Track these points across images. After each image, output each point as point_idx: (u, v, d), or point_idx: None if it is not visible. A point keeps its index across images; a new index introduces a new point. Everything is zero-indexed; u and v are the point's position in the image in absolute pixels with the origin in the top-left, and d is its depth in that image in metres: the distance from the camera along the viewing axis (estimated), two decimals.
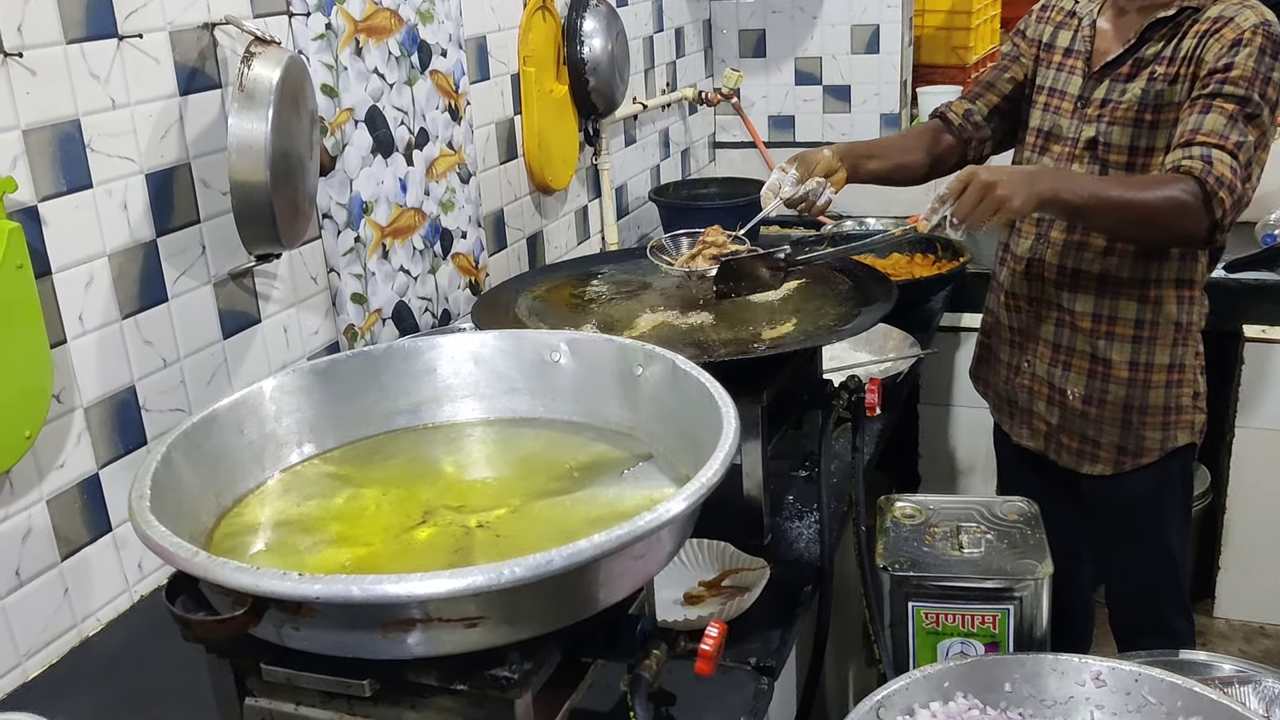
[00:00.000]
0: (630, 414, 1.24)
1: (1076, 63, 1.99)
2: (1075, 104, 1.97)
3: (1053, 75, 2.03)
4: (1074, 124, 1.97)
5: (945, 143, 2.15)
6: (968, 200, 1.68)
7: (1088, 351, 1.99)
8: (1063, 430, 2.06)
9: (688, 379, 1.16)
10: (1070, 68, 2.00)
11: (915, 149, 2.14)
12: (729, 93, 3.36)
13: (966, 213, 1.69)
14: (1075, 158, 1.96)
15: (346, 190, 1.86)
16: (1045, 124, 2.02)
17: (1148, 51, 1.88)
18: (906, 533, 1.91)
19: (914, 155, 2.13)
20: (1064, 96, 2.00)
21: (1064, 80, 2.01)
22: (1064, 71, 2.01)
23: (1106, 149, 1.92)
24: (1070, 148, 1.97)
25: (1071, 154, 1.96)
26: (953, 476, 3.00)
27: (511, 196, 2.39)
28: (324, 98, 1.79)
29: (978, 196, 1.67)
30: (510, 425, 1.29)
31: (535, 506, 1.11)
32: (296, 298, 1.77)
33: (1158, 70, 1.86)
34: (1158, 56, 1.86)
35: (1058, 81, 2.02)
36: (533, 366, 1.30)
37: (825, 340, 1.48)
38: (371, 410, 1.28)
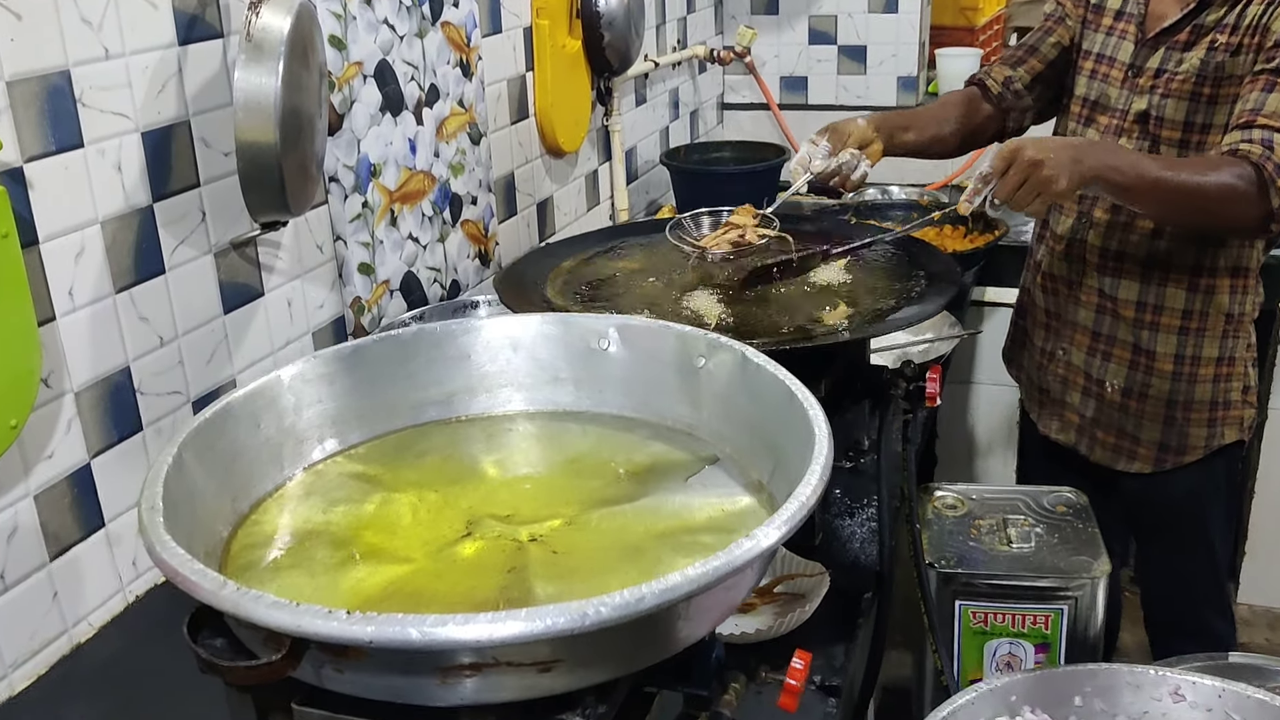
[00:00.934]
0: (691, 410, 1.12)
1: (1128, 27, 1.84)
2: (1126, 73, 1.82)
3: (1101, 40, 1.88)
4: (1124, 94, 1.83)
5: (983, 113, 2.01)
6: (1011, 180, 1.56)
7: (1129, 341, 1.87)
8: (1098, 424, 1.95)
9: (760, 373, 1.04)
10: (1121, 32, 1.85)
11: (950, 119, 2.00)
12: (742, 51, 3.21)
13: (1009, 194, 1.57)
14: (1124, 131, 1.82)
15: (354, 151, 1.71)
16: (1092, 93, 1.88)
17: (1208, 18, 1.73)
18: (950, 525, 1.80)
19: (949, 126, 1.99)
20: (1113, 64, 1.85)
21: (1114, 46, 1.86)
22: (1114, 36, 1.86)
23: (1159, 124, 1.78)
24: (1119, 120, 1.83)
25: (1120, 127, 1.83)
26: (970, 458, 2.90)
27: (523, 159, 2.24)
28: (331, 50, 1.64)
29: (1021, 176, 1.55)
30: (554, 419, 1.17)
31: (593, 517, 0.99)
32: (301, 268, 1.63)
33: (1219, 39, 1.71)
34: (1219, 24, 1.71)
35: (1106, 47, 1.87)
36: (579, 354, 1.17)
37: (897, 326, 1.36)
38: (400, 401, 1.15)
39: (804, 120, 3.41)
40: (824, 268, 1.63)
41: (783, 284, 1.59)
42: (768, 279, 1.59)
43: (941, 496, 1.87)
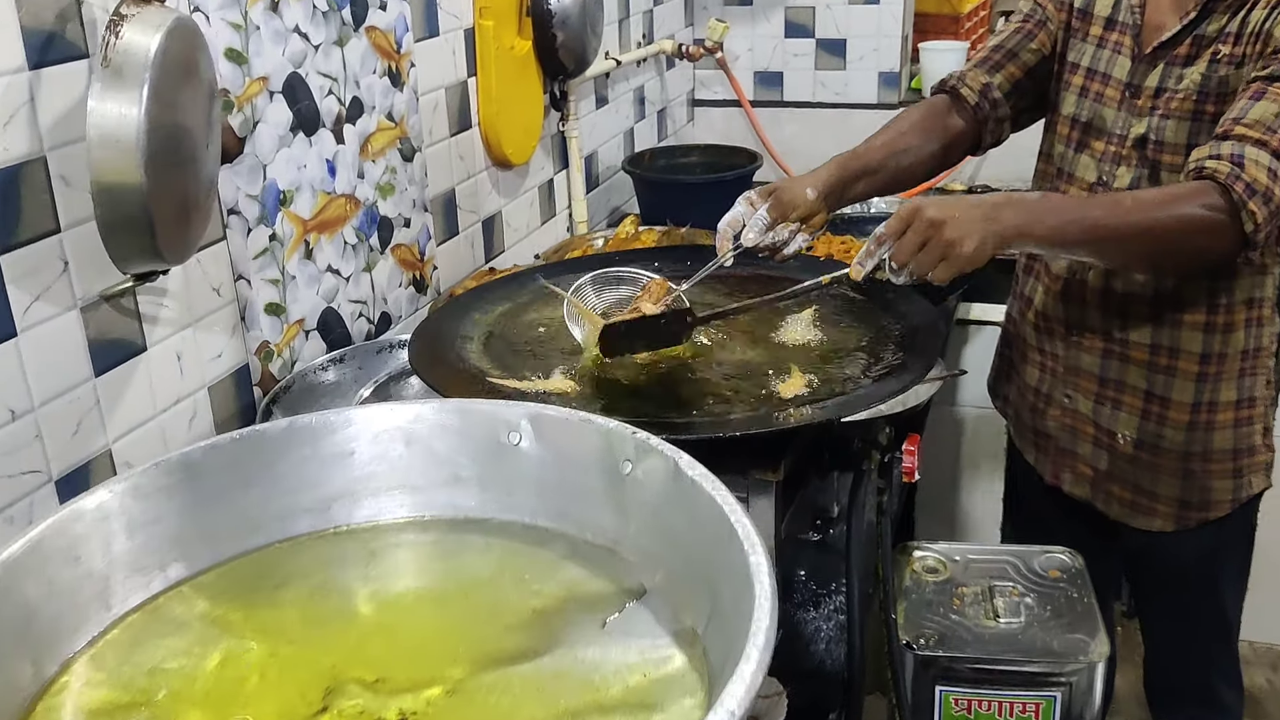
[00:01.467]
0: (616, 523, 0.93)
1: (1123, 39, 1.61)
2: (1123, 92, 1.61)
3: (1091, 52, 1.66)
4: (1121, 117, 1.61)
5: (954, 127, 1.75)
6: (909, 242, 1.35)
7: (1141, 388, 1.67)
8: (1112, 478, 1.75)
9: (696, 491, 0.85)
10: (1115, 45, 1.63)
11: (917, 144, 1.73)
12: (713, 46, 3.00)
13: (907, 257, 1.36)
14: (1121, 159, 1.61)
15: (259, 178, 1.51)
16: (1083, 113, 1.65)
17: (1210, 27, 1.52)
18: (930, 593, 1.62)
19: (914, 154, 1.72)
20: (1108, 81, 1.63)
21: (1107, 60, 1.63)
22: (1106, 49, 1.64)
23: (1159, 148, 1.56)
24: (1116, 145, 1.61)
25: (1118, 154, 1.61)
26: (955, 479, 2.71)
27: (464, 174, 2.04)
28: (229, 64, 1.44)
29: (920, 238, 1.35)
30: (453, 530, 0.98)
31: (483, 683, 0.80)
32: (193, 316, 1.43)
33: (1221, 50, 1.50)
34: (1221, 33, 1.50)
35: (1098, 61, 1.64)
36: (484, 450, 0.98)
37: (867, 403, 1.16)
38: (264, 511, 0.96)
39: (778, 118, 3.21)
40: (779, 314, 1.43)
41: (728, 336, 1.39)
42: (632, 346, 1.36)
43: (921, 558, 1.68)
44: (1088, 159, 1.65)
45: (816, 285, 1.46)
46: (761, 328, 1.43)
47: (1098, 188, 1.63)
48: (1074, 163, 1.67)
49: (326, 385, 1.62)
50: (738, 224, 1.53)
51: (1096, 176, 1.63)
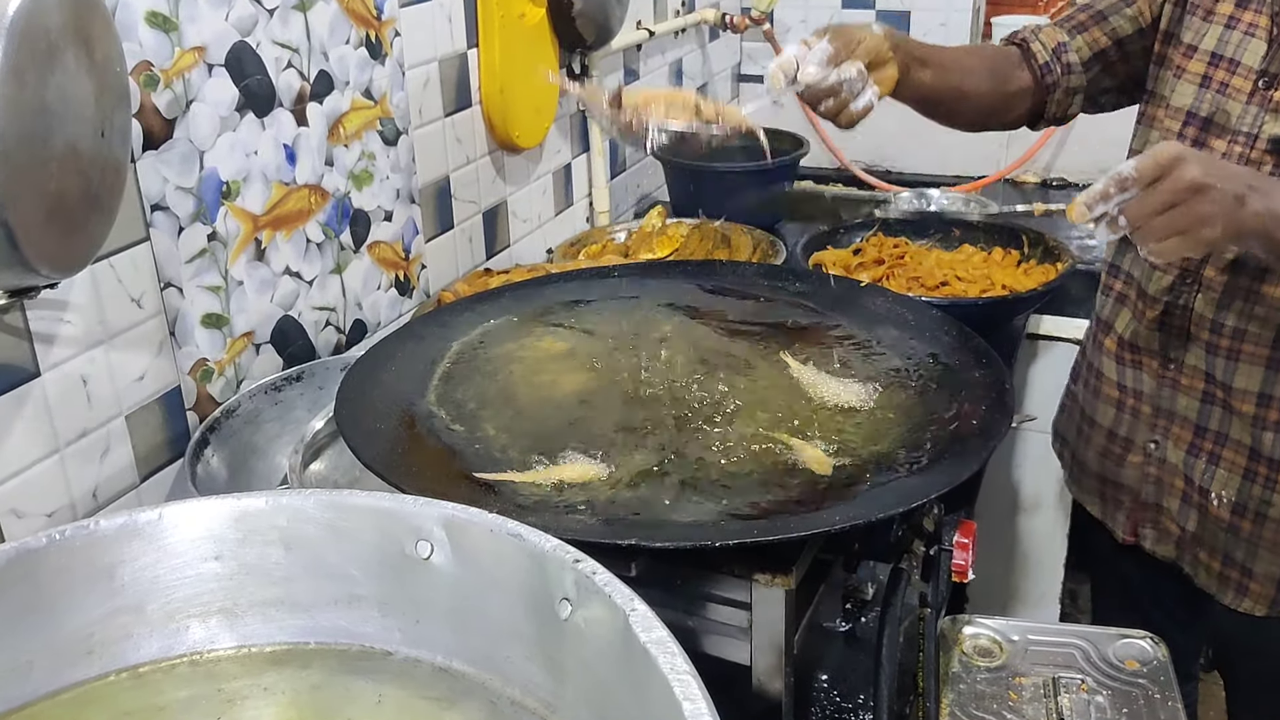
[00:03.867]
0: (549, 680, 0.68)
1: (1259, 19, 1.32)
2: (1255, 82, 1.31)
3: (1215, 32, 1.36)
4: (1251, 111, 1.31)
5: (1019, 80, 1.48)
6: (1156, 199, 1.08)
7: (1246, 444, 1.38)
8: (1200, 543, 1.47)
9: (648, 664, 0.60)
10: (1248, 26, 1.33)
11: (979, 72, 1.47)
12: (760, 17, 2.71)
13: (1147, 216, 1.09)
14: (1250, 161, 1.31)
15: (193, 168, 1.27)
16: (1203, 106, 1.36)
17: None
18: (981, 683, 1.35)
19: (976, 81, 1.46)
20: (1235, 68, 1.34)
21: (1235, 43, 1.34)
22: (1235, 30, 1.34)
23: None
24: (1244, 146, 1.32)
25: (1245, 155, 1.32)
26: (1014, 513, 2.43)
27: (462, 159, 1.79)
28: (152, 32, 1.20)
29: (1171, 198, 1.07)
30: (339, 668, 0.73)
31: None
32: (106, 332, 1.20)
33: None
34: None
35: (1225, 45, 1.35)
36: (387, 562, 0.74)
37: (898, 503, 0.88)
38: (93, 634, 0.72)
39: None
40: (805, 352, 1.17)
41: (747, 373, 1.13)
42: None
43: (973, 635, 1.41)
44: None
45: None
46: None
47: None
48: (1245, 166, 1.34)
49: (276, 409, 1.39)
50: (791, 64, 1.24)
51: None
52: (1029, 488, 2.40)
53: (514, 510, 0.88)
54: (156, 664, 0.73)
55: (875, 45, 1.28)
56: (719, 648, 0.96)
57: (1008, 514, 2.43)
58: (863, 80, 1.25)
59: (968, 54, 1.53)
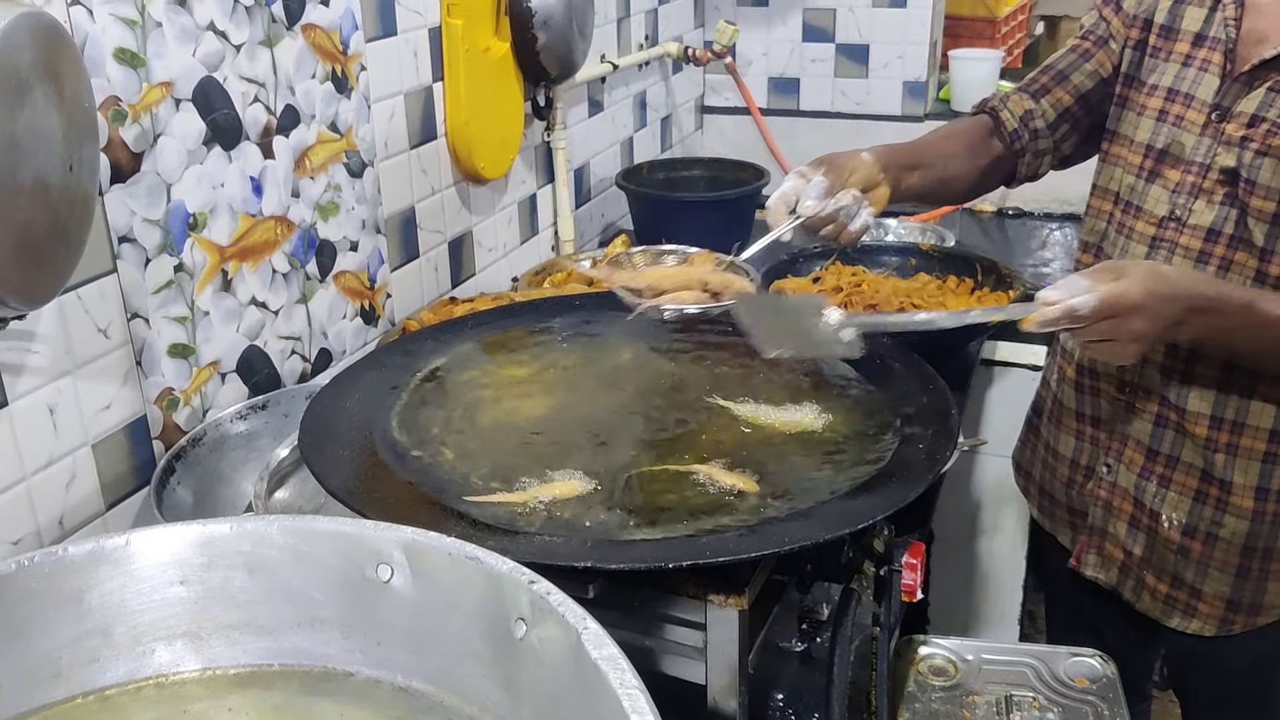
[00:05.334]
0: (506, 699, 0.71)
1: (1212, 55, 1.38)
2: (1208, 114, 1.36)
3: (1173, 70, 1.41)
4: (1204, 143, 1.36)
5: (993, 151, 1.57)
6: (1098, 331, 1.20)
7: (1198, 466, 1.42)
8: (1147, 565, 1.50)
9: (600, 680, 0.62)
10: (1203, 62, 1.39)
11: (960, 156, 1.56)
12: (722, 50, 2.76)
13: (1089, 339, 1.23)
14: (1202, 191, 1.36)
15: (160, 200, 1.29)
16: (1160, 138, 1.41)
17: None
18: (936, 702, 1.38)
19: (958, 165, 1.55)
20: (1189, 102, 1.39)
21: (1191, 79, 1.39)
22: (1191, 66, 1.40)
23: (1249, 189, 1.32)
24: (1196, 176, 1.37)
25: (1197, 185, 1.37)
26: (973, 536, 2.47)
27: (427, 190, 1.82)
28: (120, 68, 1.22)
29: (1111, 331, 1.19)
30: (302, 688, 0.76)
31: None
32: (73, 362, 1.21)
33: None
34: None
35: (1181, 80, 1.40)
36: (348, 586, 0.76)
37: (822, 531, 0.91)
38: (61, 658, 0.74)
39: (794, 128, 2.97)
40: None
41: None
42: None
43: (928, 655, 1.44)
44: (1159, 190, 1.41)
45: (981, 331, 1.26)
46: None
47: (1168, 222, 1.39)
48: (1143, 195, 1.43)
49: (241, 437, 1.41)
50: (791, 197, 1.31)
51: (1168, 210, 1.40)
52: (988, 510, 2.44)
53: (472, 534, 0.90)
54: (123, 687, 0.75)
55: (867, 173, 1.36)
56: (676, 668, 0.99)
57: (967, 536, 2.48)
58: (858, 204, 1.33)
59: (946, 139, 1.59)
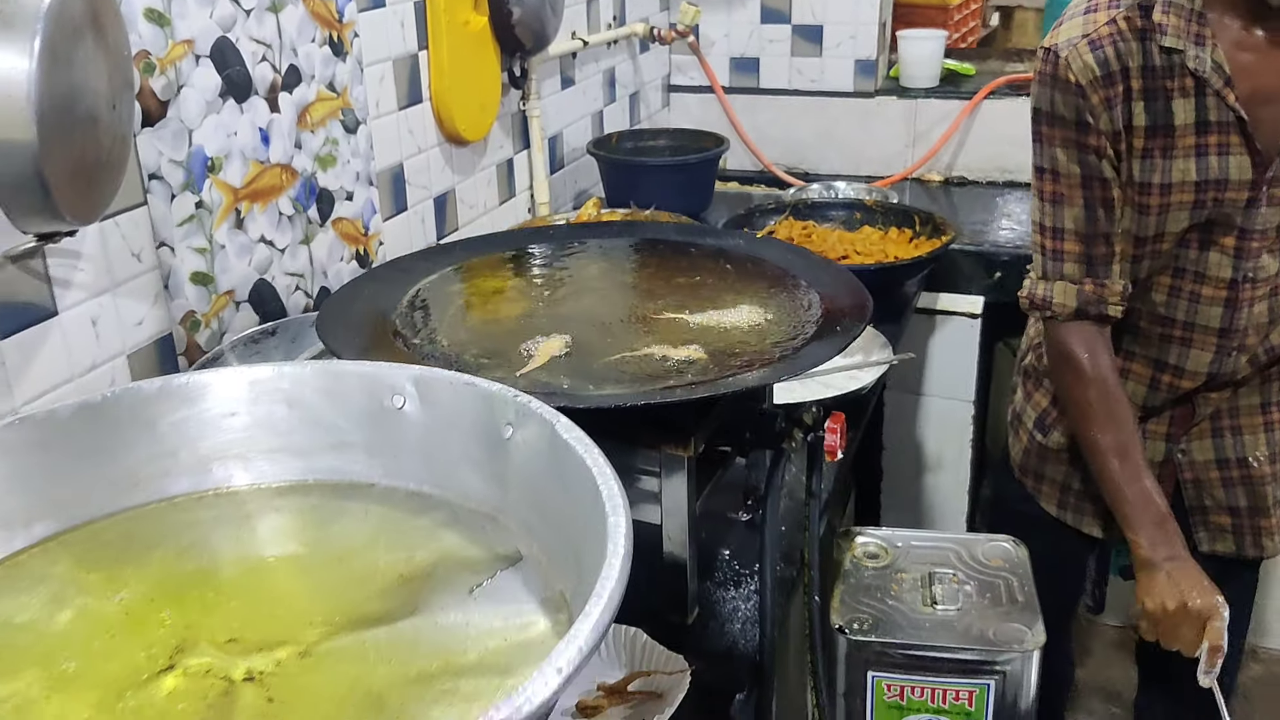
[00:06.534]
0: (496, 490, 0.90)
1: (1228, 139, 1.42)
2: (1252, 189, 1.45)
3: (1186, 165, 1.45)
4: (1260, 213, 1.46)
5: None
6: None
7: (1256, 402, 1.63)
8: (1259, 513, 1.67)
9: (569, 454, 0.81)
10: (1219, 147, 1.43)
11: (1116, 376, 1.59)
12: (685, 30, 2.96)
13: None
14: (1264, 249, 1.49)
15: (184, 144, 1.48)
16: (1201, 219, 1.49)
17: None
18: (868, 578, 1.59)
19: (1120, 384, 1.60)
20: (1225, 186, 1.45)
21: (1217, 166, 1.44)
22: (1207, 156, 1.43)
23: None
24: (1258, 240, 1.48)
25: (1260, 246, 1.49)
26: (919, 473, 2.68)
27: (414, 148, 2.01)
28: (149, 26, 1.40)
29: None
30: (333, 495, 0.94)
31: (337, 647, 0.76)
32: (111, 281, 1.39)
33: None
34: None
35: (1205, 170, 1.44)
36: (368, 414, 0.95)
37: (756, 378, 1.11)
38: (140, 471, 0.92)
39: (755, 105, 3.17)
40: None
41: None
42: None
43: (864, 544, 1.65)
44: (1217, 255, 1.51)
45: None
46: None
47: (1241, 284, 1.52)
48: (1200, 262, 1.53)
49: (254, 357, 1.59)
50: None
51: (1235, 274, 1.51)
52: (931, 448, 2.64)
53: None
54: (188, 495, 0.94)
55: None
56: (636, 512, 1.18)
57: (913, 475, 2.68)
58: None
59: (1120, 402, 1.56)
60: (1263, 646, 2.82)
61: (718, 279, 1.41)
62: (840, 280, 1.32)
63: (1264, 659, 2.80)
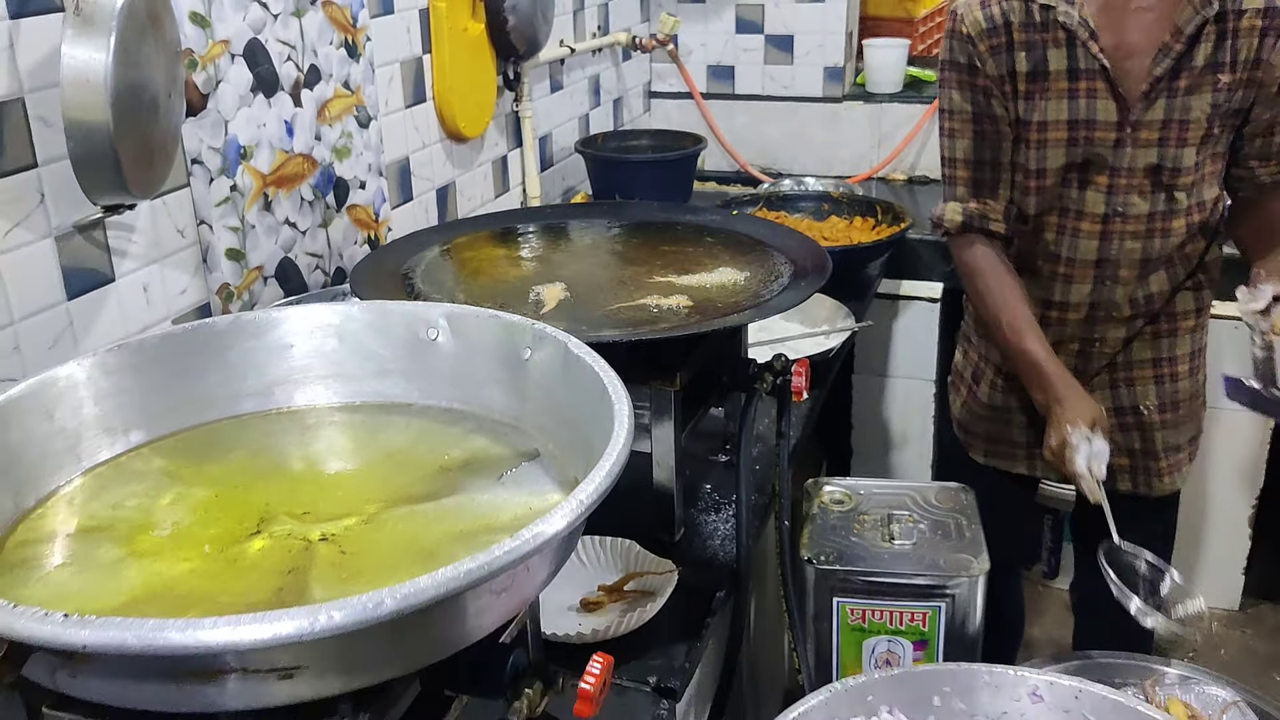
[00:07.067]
0: (516, 403, 1.08)
1: (1095, 84, 1.68)
2: (1119, 131, 1.69)
3: (1059, 105, 1.69)
4: (1124, 153, 1.70)
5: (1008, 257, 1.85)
6: None
7: (1149, 357, 1.85)
8: (1149, 454, 1.89)
9: (580, 366, 1.00)
10: (1088, 91, 1.68)
11: (1016, 281, 1.82)
12: (665, 39, 3.16)
13: None
14: (1134, 188, 1.72)
15: (221, 132, 1.65)
16: (1077, 157, 1.72)
17: (1197, 59, 1.64)
18: (834, 520, 1.78)
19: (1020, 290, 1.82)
20: (1094, 126, 1.69)
21: (1086, 108, 1.69)
22: (1079, 99, 1.69)
23: (1174, 173, 1.70)
24: (1124, 177, 1.71)
25: (1128, 185, 1.72)
26: (886, 449, 2.88)
27: (419, 144, 2.19)
28: (193, 27, 1.58)
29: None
30: (378, 412, 1.12)
31: (393, 515, 0.94)
32: (160, 253, 1.57)
33: (1221, 80, 1.64)
34: (1210, 62, 1.64)
35: (1076, 110, 1.69)
36: (406, 345, 1.13)
37: (731, 320, 1.30)
38: (215, 392, 1.10)
39: (730, 109, 3.37)
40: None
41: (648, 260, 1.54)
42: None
43: (830, 492, 1.84)
44: (1094, 194, 1.74)
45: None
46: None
47: (1113, 219, 1.74)
48: (1079, 200, 1.75)
49: None
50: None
51: (1107, 209, 1.74)
52: (896, 426, 2.84)
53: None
54: (254, 414, 1.11)
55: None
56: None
57: (880, 451, 2.87)
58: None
59: (1012, 287, 1.79)
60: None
61: (699, 248, 1.60)
62: (805, 246, 1.51)
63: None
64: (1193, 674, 1.59)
